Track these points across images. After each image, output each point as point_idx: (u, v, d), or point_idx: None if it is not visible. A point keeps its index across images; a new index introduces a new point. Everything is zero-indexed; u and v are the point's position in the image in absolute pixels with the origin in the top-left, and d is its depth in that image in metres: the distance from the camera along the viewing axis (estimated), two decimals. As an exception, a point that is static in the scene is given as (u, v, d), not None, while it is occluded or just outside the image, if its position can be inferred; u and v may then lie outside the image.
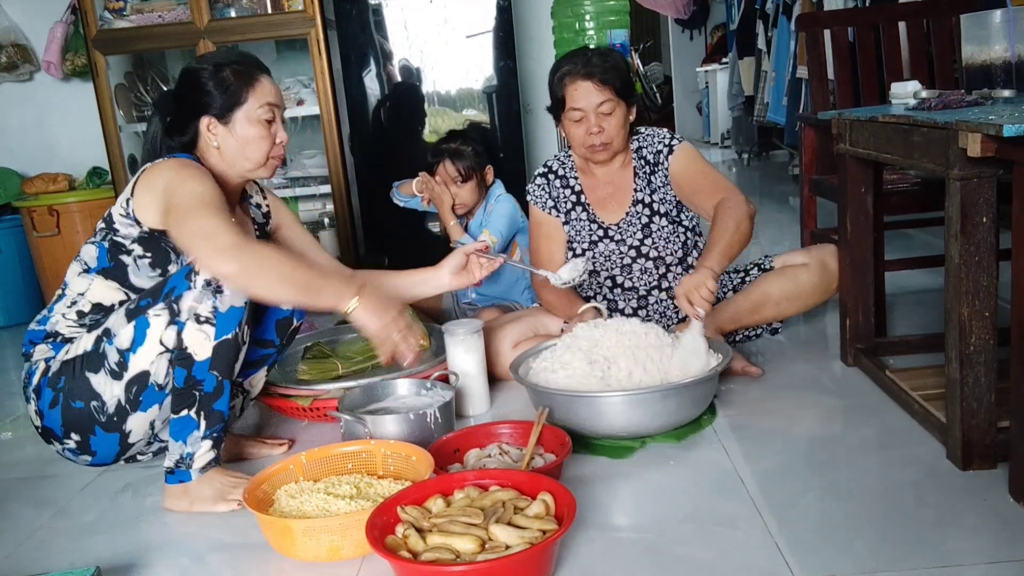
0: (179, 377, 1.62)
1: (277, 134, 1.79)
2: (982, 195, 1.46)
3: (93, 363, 1.66)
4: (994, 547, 1.30)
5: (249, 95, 1.75)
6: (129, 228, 1.70)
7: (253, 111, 1.75)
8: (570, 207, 2.29)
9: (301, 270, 1.58)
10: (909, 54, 2.60)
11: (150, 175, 1.68)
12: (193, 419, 1.63)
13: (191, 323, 1.60)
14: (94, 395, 1.67)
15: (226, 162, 1.77)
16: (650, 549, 1.40)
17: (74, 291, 1.75)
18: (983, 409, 1.52)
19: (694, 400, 1.81)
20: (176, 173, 1.65)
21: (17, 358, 3.20)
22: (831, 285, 2.22)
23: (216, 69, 1.75)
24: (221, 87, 1.74)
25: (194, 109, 1.75)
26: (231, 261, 1.52)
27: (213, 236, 1.53)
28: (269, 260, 1.55)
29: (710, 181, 2.15)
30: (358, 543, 1.41)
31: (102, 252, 1.72)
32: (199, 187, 1.61)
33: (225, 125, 1.75)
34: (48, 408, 1.70)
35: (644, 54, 10.12)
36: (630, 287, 2.27)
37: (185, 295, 1.61)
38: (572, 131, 2.17)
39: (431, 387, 1.99)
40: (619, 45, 3.97)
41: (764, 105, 5.70)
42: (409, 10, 3.51)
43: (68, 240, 3.61)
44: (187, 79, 1.79)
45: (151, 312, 1.63)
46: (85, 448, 1.73)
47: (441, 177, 2.66)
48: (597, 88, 2.10)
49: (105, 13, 3.41)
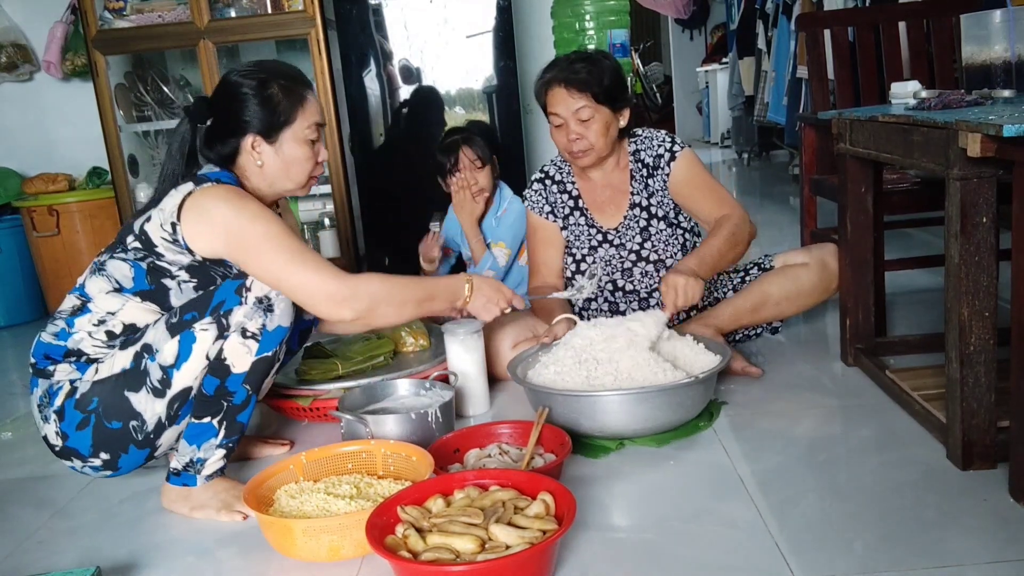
0: (210, 386, 1.59)
1: (319, 152, 1.74)
2: (982, 195, 1.46)
3: (133, 382, 1.59)
4: (994, 547, 1.30)
5: (297, 115, 1.69)
6: (178, 255, 1.61)
7: (301, 131, 1.69)
8: (567, 212, 2.29)
9: (409, 288, 1.66)
10: (909, 54, 2.60)
11: (201, 204, 1.59)
12: (214, 427, 1.62)
13: (236, 335, 1.58)
14: (134, 415, 1.59)
15: (267, 180, 1.72)
16: (650, 549, 1.40)
17: (102, 309, 1.63)
18: (983, 409, 1.52)
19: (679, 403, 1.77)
20: (234, 209, 1.59)
21: (17, 358, 3.20)
22: (831, 284, 2.22)
23: (261, 85, 1.67)
24: (268, 105, 1.67)
25: (238, 125, 1.68)
26: (346, 310, 1.57)
27: (318, 290, 1.57)
28: (380, 292, 1.60)
29: (713, 195, 2.16)
30: (358, 543, 1.41)
31: (139, 273, 1.63)
32: (269, 228, 1.58)
33: (271, 145, 1.69)
34: (75, 430, 1.61)
35: (644, 54, 10.12)
36: (631, 290, 2.27)
37: (236, 310, 1.57)
38: (555, 137, 2.18)
39: (431, 387, 1.99)
40: (619, 45, 3.98)
41: (764, 105, 5.70)
42: (409, 10, 3.51)
43: (68, 240, 3.61)
44: (230, 91, 1.70)
45: (198, 327, 1.57)
46: (111, 465, 1.65)
47: (462, 164, 2.66)
48: (572, 95, 2.08)
49: (105, 13, 3.41)
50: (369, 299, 1.59)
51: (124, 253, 1.64)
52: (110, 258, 1.65)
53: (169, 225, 1.60)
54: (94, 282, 1.65)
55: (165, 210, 1.61)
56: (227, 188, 1.63)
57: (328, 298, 1.57)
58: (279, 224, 1.60)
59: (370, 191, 3.64)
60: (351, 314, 1.58)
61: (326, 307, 1.59)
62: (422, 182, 3.29)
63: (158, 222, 1.61)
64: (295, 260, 1.57)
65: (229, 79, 1.71)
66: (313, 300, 1.59)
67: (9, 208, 3.75)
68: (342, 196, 3.51)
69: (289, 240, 1.59)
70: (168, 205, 1.61)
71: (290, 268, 1.57)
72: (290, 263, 1.57)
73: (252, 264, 1.59)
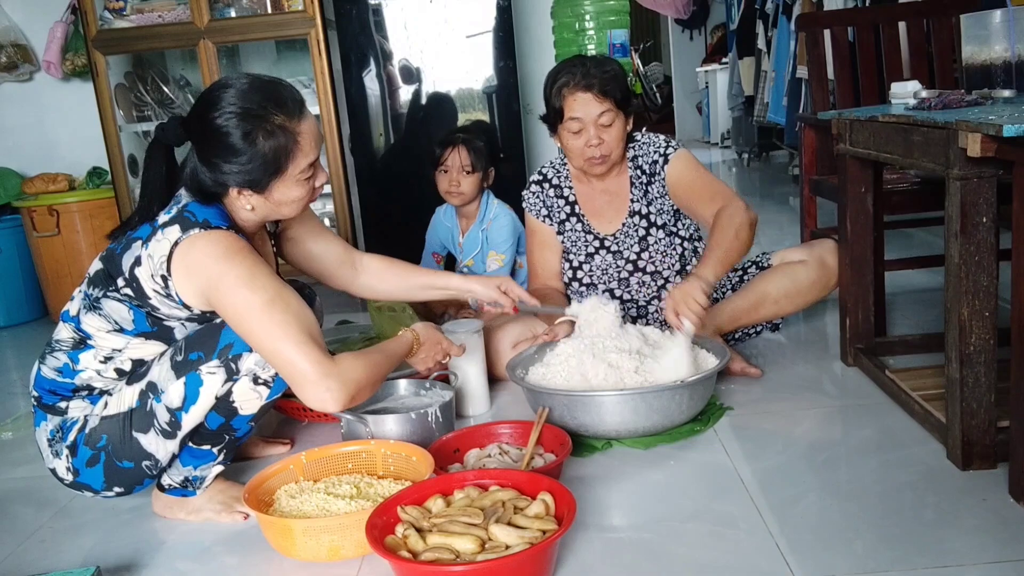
0: (214, 422, 1.56)
1: (317, 178, 1.59)
2: (982, 195, 1.46)
3: (141, 423, 1.53)
4: (994, 547, 1.30)
5: (289, 163, 1.51)
6: (175, 310, 1.52)
7: (293, 176, 1.53)
8: (564, 217, 2.28)
9: (380, 362, 1.60)
10: (909, 54, 2.60)
11: (189, 261, 1.46)
12: (213, 453, 1.61)
13: (247, 380, 1.53)
14: (146, 455, 1.55)
15: (257, 217, 1.60)
16: (650, 549, 1.40)
17: (106, 347, 1.55)
18: (983, 409, 1.52)
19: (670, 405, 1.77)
20: (226, 273, 1.45)
21: (17, 358, 3.20)
22: (830, 281, 2.22)
23: (247, 135, 1.47)
24: (257, 160, 1.48)
25: (220, 175, 1.50)
26: (333, 403, 1.46)
27: (302, 375, 1.44)
28: (356, 372, 1.50)
29: (708, 188, 2.11)
30: (358, 543, 1.41)
31: (139, 317, 1.53)
32: (257, 297, 1.44)
33: (260, 194, 1.54)
34: (85, 467, 1.57)
35: (644, 54, 10.12)
36: (629, 300, 2.27)
37: (245, 356, 1.51)
38: (570, 143, 2.13)
39: (431, 387, 1.99)
40: (619, 45, 3.97)
41: (764, 105, 5.70)
42: (409, 10, 3.51)
43: (68, 240, 3.61)
44: (211, 131, 1.48)
45: (204, 369, 1.50)
46: (126, 493, 1.62)
47: (451, 162, 2.64)
48: (597, 99, 2.06)
49: (105, 13, 3.40)
50: (346, 385, 1.47)
51: (118, 294, 1.52)
52: (104, 296, 1.54)
53: (160, 278, 1.48)
54: (91, 320, 1.55)
55: (154, 258, 1.48)
56: (216, 239, 1.48)
57: (306, 383, 1.45)
58: (271, 291, 1.46)
59: (370, 191, 3.64)
60: (332, 405, 1.46)
61: (308, 396, 1.47)
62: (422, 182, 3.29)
63: (148, 271, 1.49)
64: (277, 337, 1.44)
65: (213, 117, 1.48)
66: (296, 387, 1.48)
67: (9, 208, 3.74)
68: (342, 196, 3.51)
69: (269, 301, 1.45)
70: (156, 252, 1.48)
71: (268, 339, 1.45)
72: (269, 334, 1.44)
73: (240, 331, 1.49)
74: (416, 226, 3.05)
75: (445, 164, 2.65)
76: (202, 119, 1.50)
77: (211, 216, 1.51)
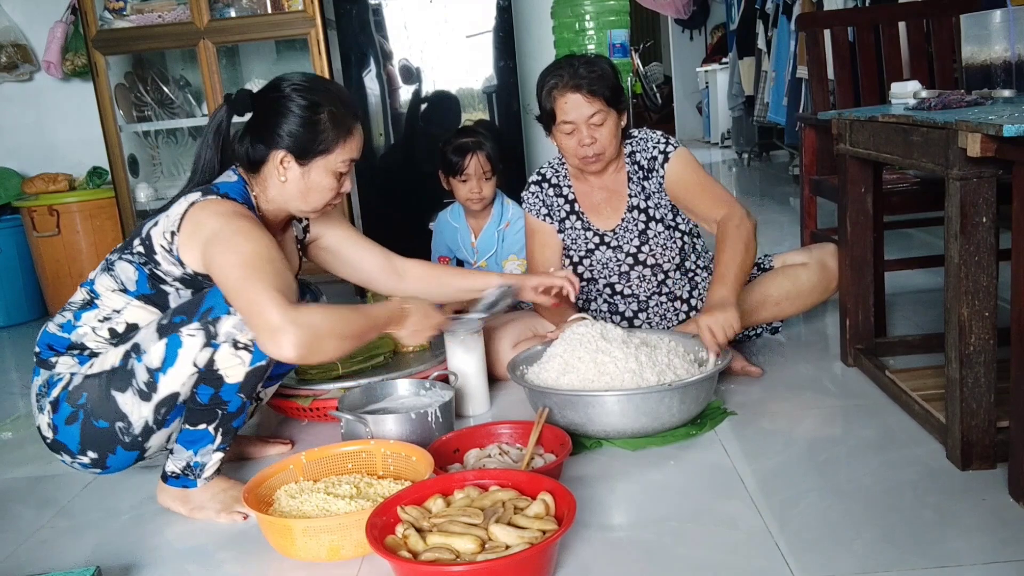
0: (204, 395, 1.58)
1: (344, 184, 1.70)
2: (982, 195, 1.46)
3: (120, 381, 1.58)
4: (993, 547, 1.30)
5: (337, 147, 1.65)
6: (171, 266, 1.60)
7: (334, 163, 1.66)
8: (564, 216, 2.28)
9: (352, 320, 1.58)
10: (909, 54, 2.60)
11: (198, 218, 1.56)
12: (210, 433, 1.62)
13: (227, 346, 1.55)
14: (120, 416, 1.59)
15: (284, 197, 1.68)
16: (650, 549, 1.40)
17: (108, 307, 1.64)
18: (983, 409, 1.52)
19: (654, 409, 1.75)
20: (225, 225, 1.54)
21: (17, 358, 3.19)
22: (831, 284, 2.22)
23: (312, 107, 1.62)
24: (312, 130, 1.62)
25: (275, 136, 1.63)
26: (288, 345, 1.44)
27: (259, 314, 1.44)
28: (322, 325, 1.48)
29: (709, 193, 2.13)
30: (358, 543, 1.41)
31: (142, 277, 1.62)
32: (247, 245, 1.50)
33: (301, 166, 1.65)
34: (64, 424, 1.61)
35: (644, 54, 10.12)
36: (629, 294, 2.27)
37: (224, 319, 1.54)
38: (564, 143, 2.13)
39: (431, 387, 1.99)
40: (619, 45, 3.98)
41: (764, 105, 5.70)
42: (409, 10, 3.51)
43: (68, 240, 3.61)
44: (278, 101, 1.64)
45: (184, 331, 1.55)
46: (99, 464, 1.65)
47: (471, 170, 2.63)
48: (587, 99, 2.05)
49: (105, 13, 3.40)
50: (309, 335, 1.45)
51: (131, 255, 1.63)
52: (119, 258, 1.64)
53: (169, 234, 1.58)
54: (103, 279, 1.65)
55: (171, 216, 1.59)
56: (229, 205, 1.59)
57: (267, 329, 1.45)
58: (257, 245, 1.51)
59: (370, 191, 3.64)
60: (291, 351, 1.44)
61: (267, 341, 1.46)
62: (422, 182, 3.29)
63: (163, 229, 1.59)
64: (249, 281, 1.47)
65: (282, 89, 1.65)
66: (253, 325, 1.48)
67: (9, 208, 3.74)
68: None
69: (255, 259, 1.49)
70: (174, 212, 1.60)
71: (240, 284, 1.47)
72: (243, 279, 1.47)
73: (217, 279, 1.52)
74: (416, 225, 3.05)
75: (465, 173, 2.63)
76: (276, 89, 1.67)
77: (232, 191, 1.64)
